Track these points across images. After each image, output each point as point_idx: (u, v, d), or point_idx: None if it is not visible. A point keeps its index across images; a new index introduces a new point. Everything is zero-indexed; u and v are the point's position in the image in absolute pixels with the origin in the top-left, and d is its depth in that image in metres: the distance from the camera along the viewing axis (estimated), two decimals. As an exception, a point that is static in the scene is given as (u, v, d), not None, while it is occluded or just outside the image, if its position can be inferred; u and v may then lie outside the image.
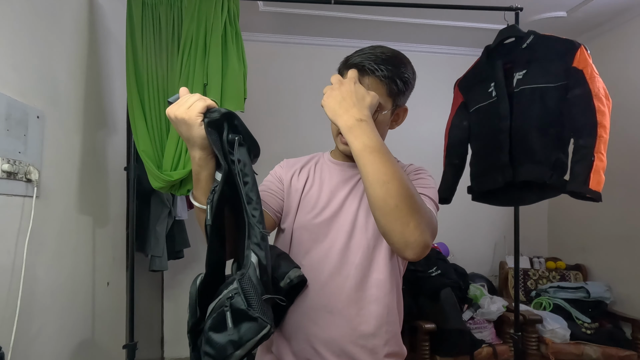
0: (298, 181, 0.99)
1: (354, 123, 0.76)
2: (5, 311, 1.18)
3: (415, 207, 0.72)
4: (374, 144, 0.74)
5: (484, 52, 1.92)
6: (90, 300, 1.74)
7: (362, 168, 0.74)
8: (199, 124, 0.69)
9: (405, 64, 0.90)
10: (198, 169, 0.74)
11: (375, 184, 0.73)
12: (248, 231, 0.67)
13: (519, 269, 2.13)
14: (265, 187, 0.99)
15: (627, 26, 2.57)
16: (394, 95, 0.89)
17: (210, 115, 0.69)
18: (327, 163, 1.02)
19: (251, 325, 0.62)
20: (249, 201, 0.68)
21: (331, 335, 0.87)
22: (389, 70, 0.86)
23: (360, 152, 0.74)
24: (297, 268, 0.86)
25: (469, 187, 1.98)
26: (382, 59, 0.87)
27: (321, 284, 0.89)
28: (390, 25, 2.79)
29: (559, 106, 1.64)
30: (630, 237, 2.49)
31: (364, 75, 0.87)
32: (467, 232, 3.08)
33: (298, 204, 0.96)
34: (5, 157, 1.19)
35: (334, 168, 1.00)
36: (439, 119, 2.43)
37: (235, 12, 1.77)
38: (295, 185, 0.99)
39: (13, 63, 1.25)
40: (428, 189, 0.91)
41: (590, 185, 1.50)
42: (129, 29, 1.75)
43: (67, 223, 1.56)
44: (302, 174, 1.01)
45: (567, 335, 2.33)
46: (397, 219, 0.71)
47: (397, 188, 0.71)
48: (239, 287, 0.63)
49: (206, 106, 0.69)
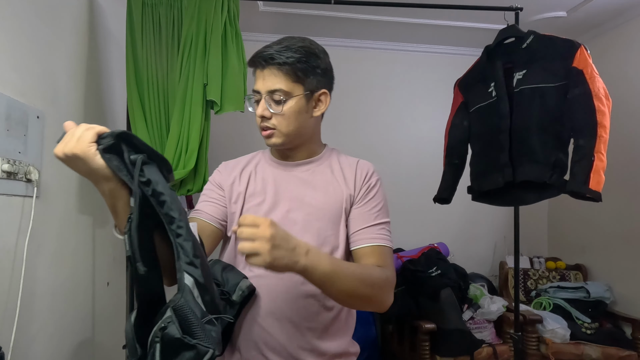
0: (240, 185, 0.97)
1: (301, 269, 0.72)
2: (5, 311, 1.18)
3: (374, 291, 0.83)
4: (324, 276, 0.74)
5: (484, 52, 1.92)
6: (90, 300, 1.73)
7: (325, 292, 0.79)
8: (94, 154, 0.62)
9: (308, 48, 0.91)
10: (112, 201, 0.67)
11: (340, 300, 0.83)
12: (177, 252, 0.63)
13: (519, 269, 2.13)
14: (206, 197, 0.97)
15: (627, 26, 2.57)
16: (300, 80, 0.90)
17: (103, 142, 0.62)
18: (268, 162, 1.01)
19: (191, 354, 0.58)
20: (171, 221, 0.63)
21: (280, 341, 0.87)
22: (289, 57, 0.88)
23: (319, 287, 0.77)
24: (245, 278, 0.86)
25: (469, 187, 1.98)
26: (280, 48, 0.89)
27: (268, 290, 0.88)
28: (390, 25, 2.79)
29: (559, 106, 1.64)
30: (630, 237, 2.49)
31: (263, 68, 0.89)
32: (467, 232, 3.08)
33: (241, 210, 0.94)
34: (5, 157, 1.19)
35: (276, 168, 0.99)
36: (439, 119, 2.43)
37: (235, 12, 1.77)
38: (237, 190, 0.97)
39: (13, 63, 1.25)
40: (381, 212, 0.94)
41: (590, 185, 1.50)
42: (129, 29, 1.75)
43: (67, 223, 1.56)
44: (243, 177, 0.99)
45: (567, 335, 2.33)
46: (363, 305, 0.87)
47: (359, 294, 0.80)
48: (172, 314, 0.59)
49: (96, 133, 0.63)
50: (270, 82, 0.88)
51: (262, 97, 0.90)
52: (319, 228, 0.92)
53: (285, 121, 0.91)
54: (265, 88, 0.89)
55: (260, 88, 0.90)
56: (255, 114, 0.93)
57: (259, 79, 0.90)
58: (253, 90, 0.92)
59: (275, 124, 0.91)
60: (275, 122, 0.91)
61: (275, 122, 0.91)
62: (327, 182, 0.96)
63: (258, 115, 0.91)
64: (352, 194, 0.95)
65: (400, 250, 2.73)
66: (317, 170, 0.98)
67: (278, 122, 0.91)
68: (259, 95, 0.91)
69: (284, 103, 0.89)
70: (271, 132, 0.92)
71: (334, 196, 0.94)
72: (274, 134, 0.92)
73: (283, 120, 0.90)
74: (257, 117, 0.91)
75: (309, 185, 0.95)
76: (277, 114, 0.90)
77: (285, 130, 0.91)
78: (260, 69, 0.90)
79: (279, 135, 0.92)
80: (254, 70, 0.92)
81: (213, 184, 0.99)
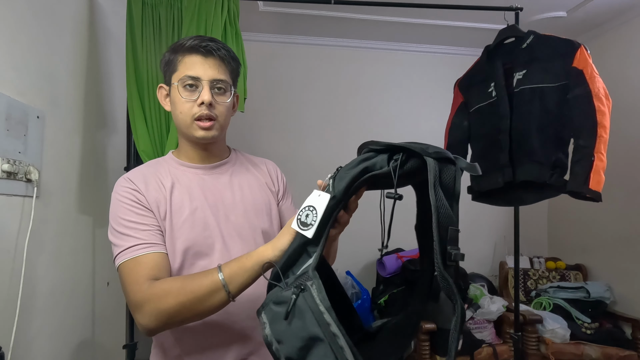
0: (161, 197, 0.87)
1: None
2: (5, 311, 1.18)
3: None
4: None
5: (484, 52, 1.92)
6: (90, 300, 1.74)
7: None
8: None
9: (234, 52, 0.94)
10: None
11: None
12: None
13: (519, 269, 2.13)
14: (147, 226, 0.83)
15: (627, 26, 2.57)
16: (233, 79, 0.92)
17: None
18: (180, 169, 0.93)
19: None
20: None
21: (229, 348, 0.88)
22: (230, 55, 0.90)
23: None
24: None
25: (469, 187, 1.98)
26: (219, 45, 0.89)
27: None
28: (390, 25, 2.79)
29: (559, 106, 1.64)
30: (630, 237, 2.49)
31: (206, 57, 0.87)
32: (467, 232, 3.05)
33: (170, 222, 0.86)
34: (5, 157, 1.19)
35: (192, 174, 0.93)
36: (439, 119, 2.43)
37: (235, 12, 1.77)
38: (162, 204, 0.87)
39: (13, 63, 1.25)
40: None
41: (590, 185, 1.50)
42: (129, 29, 1.75)
43: (67, 223, 1.56)
44: (161, 189, 0.88)
45: (567, 335, 2.33)
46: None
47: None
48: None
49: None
50: (214, 71, 0.87)
51: (203, 84, 0.86)
52: (261, 226, 0.94)
53: (225, 113, 0.90)
54: (210, 76, 0.86)
55: (201, 75, 0.85)
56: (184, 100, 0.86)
57: (198, 65, 0.86)
58: (188, 76, 0.85)
59: (217, 114, 0.88)
60: (217, 112, 0.88)
61: (217, 112, 0.88)
62: (249, 179, 0.99)
63: (206, 101, 0.85)
64: (274, 190, 1.02)
65: (400, 250, 2.73)
66: (235, 170, 0.99)
67: (220, 113, 0.89)
68: (196, 81, 0.86)
69: (224, 94, 0.89)
70: (213, 123, 0.88)
71: (262, 192, 0.98)
72: (214, 125, 0.88)
73: (224, 111, 0.90)
74: (201, 104, 0.85)
75: (234, 186, 0.95)
76: (220, 104, 0.88)
77: (222, 123, 0.91)
78: (203, 57, 0.86)
79: (217, 127, 0.89)
80: (183, 55, 0.87)
81: (140, 206, 0.85)
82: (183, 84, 0.86)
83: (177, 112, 0.88)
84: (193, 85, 0.86)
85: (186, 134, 0.90)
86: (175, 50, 0.89)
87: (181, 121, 0.88)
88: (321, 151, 3.00)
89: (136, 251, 0.80)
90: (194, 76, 0.86)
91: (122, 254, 0.82)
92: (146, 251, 0.81)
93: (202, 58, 0.87)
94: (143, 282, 0.77)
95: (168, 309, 0.73)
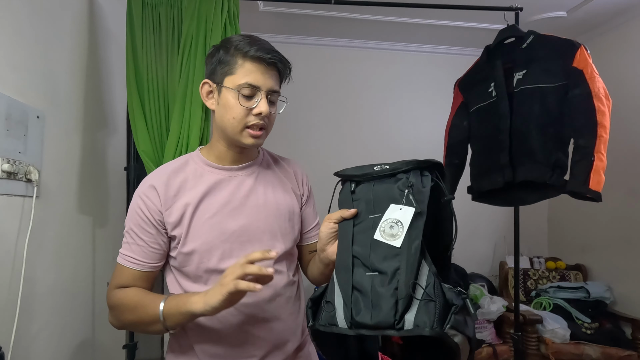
0: (184, 198, 0.88)
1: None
2: (5, 311, 1.18)
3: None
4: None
5: (484, 52, 1.92)
6: (90, 300, 1.74)
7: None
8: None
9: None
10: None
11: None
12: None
13: (519, 269, 2.13)
14: (143, 242, 0.88)
15: (627, 26, 2.57)
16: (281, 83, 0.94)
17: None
18: (206, 169, 0.93)
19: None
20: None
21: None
22: (285, 62, 0.91)
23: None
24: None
25: (469, 187, 1.98)
26: (281, 56, 0.90)
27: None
28: (390, 25, 2.79)
29: (559, 106, 1.64)
30: (630, 237, 2.49)
31: (268, 66, 0.87)
32: (467, 232, 3.07)
33: (190, 222, 0.87)
34: (5, 157, 1.19)
35: (218, 174, 0.93)
36: (439, 119, 2.43)
37: (235, 12, 1.77)
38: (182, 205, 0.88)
39: (13, 63, 1.25)
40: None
41: (590, 185, 1.50)
42: (129, 29, 1.74)
43: (67, 223, 1.56)
44: (187, 189, 0.89)
45: (567, 335, 2.33)
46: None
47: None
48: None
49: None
50: (273, 81, 0.88)
51: (262, 93, 0.86)
52: (281, 226, 0.94)
53: (273, 122, 0.93)
54: (268, 87, 0.87)
55: (261, 85, 0.86)
56: (241, 107, 0.86)
57: (259, 74, 0.85)
58: (248, 84, 0.85)
59: (267, 124, 0.90)
60: (268, 122, 0.90)
61: (268, 122, 0.90)
62: (274, 182, 0.99)
63: (264, 113, 0.86)
64: (298, 194, 1.02)
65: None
66: (262, 171, 0.99)
67: (270, 122, 0.91)
68: (254, 90, 0.85)
69: (275, 104, 0.91)
70: (263, 132, 0.90)
71: (286, 196, 0.98)
72: (263, 134, 0.90)
73: (273, 120, 0.93)
74: (259, 113, 0.86)
75: (259, 188, 0.95)
76: (273, 114, 0.91)
77: (269, 131, 0.93)
78: (265, 66, 0.86)
79: (264, 135, 0.91)
80: (244, 60, 0.85)
81: (145, 221, 0.88)
82: (242, 90, 0.85)
83: (229, 116, 0.87)
84: (247, 95, 0.86)
85: (231, 138, 0.90)
86: (234, 52, 0.86)
87: (231, 126, 0.87)
88: (321, 151, 3.00)
89: (125, 260, 0.89)
90: (254, 85, 0.85)
91: (120, 254, 0.91)
92: (130, 265, 0.88)
93: (264, 67, 0.86)
94: (113, 289, 0.88)
95: (124, 322, 0.87)
